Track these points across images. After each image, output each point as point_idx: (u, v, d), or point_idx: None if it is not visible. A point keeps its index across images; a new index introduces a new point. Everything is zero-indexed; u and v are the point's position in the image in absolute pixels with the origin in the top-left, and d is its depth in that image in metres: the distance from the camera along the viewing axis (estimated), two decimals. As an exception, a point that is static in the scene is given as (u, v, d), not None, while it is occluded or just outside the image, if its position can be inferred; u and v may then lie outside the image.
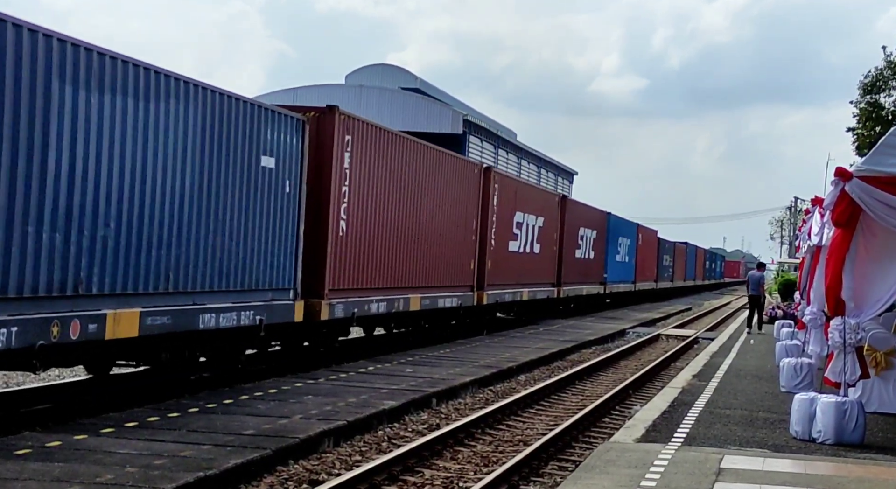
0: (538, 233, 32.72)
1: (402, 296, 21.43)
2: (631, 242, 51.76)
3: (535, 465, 11.63)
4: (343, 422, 12.50)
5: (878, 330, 13.45)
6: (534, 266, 32.43)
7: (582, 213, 40.88)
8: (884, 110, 36.41)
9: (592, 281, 42.28)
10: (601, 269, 43.89)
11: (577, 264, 38.86)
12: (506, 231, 29.20)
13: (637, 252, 53.51)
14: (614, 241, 46.68)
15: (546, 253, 34.08)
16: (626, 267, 50.65)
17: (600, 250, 43.77)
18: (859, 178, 10.74)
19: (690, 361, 22.13)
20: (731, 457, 10.19)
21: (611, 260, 45.74)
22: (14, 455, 9.66)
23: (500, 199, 28.33)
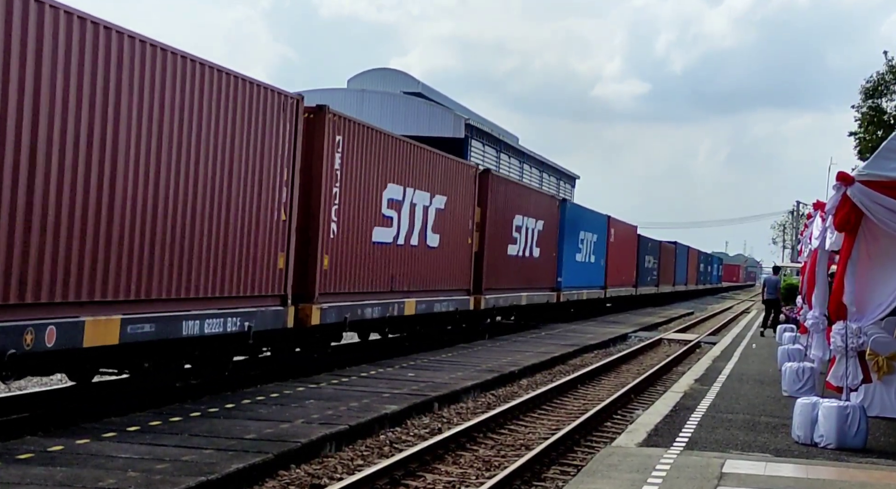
0: (436, 218, 23.55)
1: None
2: (599, 239, 43.26)
3: (538, 470, 11.62)
4: (345, 426, 12.50)
5: (880, 334, 13.44)
6: (440, 265, 23.79)
7: (517, 196, 30.85)
8: (885, 114, 36.45)
9: (538, 286, 33.28)
10: (552, 272, 35.40)
11: (509, 265, 29.78)
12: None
13: (608, 251, 44.83)
14: (572, 235, 38.05)
15: (455, 246, 24.97)
16: (590, 269, 41.84)
17: (550, 247, 34.95)
18: (861, 183, 10.75)
19: (692, 366, 22.12)
20: (732, 461, 10.18)
21: (568, 260, 37.19)
22: (16, 459, 9.66)
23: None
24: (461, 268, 25.28)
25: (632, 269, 52.86)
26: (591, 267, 42.20)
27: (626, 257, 50.58)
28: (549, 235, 34.74)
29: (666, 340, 32.98)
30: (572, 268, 38.11)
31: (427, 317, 23.54)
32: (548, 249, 34.51)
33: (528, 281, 31.76)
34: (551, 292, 35.40)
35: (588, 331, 34.06)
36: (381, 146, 20.12)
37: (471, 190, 26.10)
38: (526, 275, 31.55)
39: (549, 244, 34.70)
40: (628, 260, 51.56)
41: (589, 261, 41.54)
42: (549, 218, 34.68)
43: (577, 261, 39.07)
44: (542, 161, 69.71)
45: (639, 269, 54.70)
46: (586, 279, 41.17)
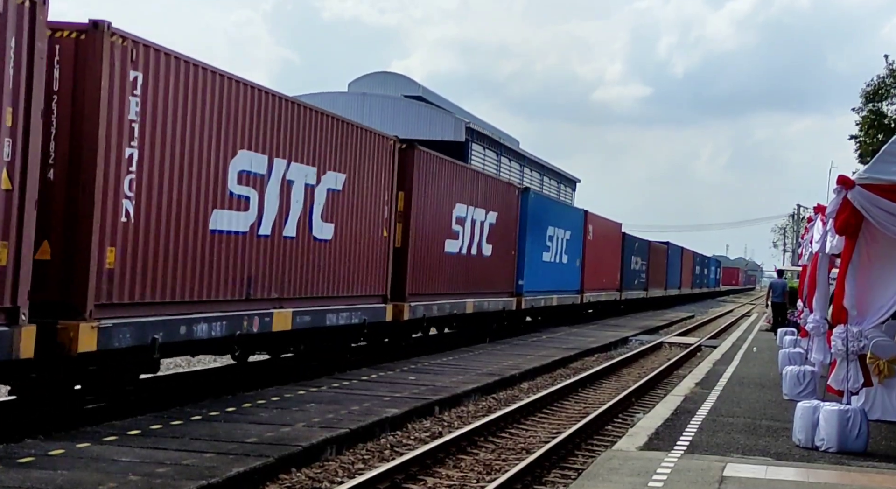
0: (329, 201, 17.61)
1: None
2: (574, 236, 37.93)
3: (538, 473, 11.62)
4: (345, 429, 12.50)
5: (881, 338, 13.44)
6: (336, 263, 18.00)
7: (459, 180, 24.85)
8: (886, 118, 36.49)
9: (490, 291, 27.74)
10: (510, 274, 29.89)
11: (448, 265, 24.12)
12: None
13: (585, 250, 39.57)
14: (538, 231, 32.64)
15: (361, 240, 19.05)
16: (562, 271, 36.19)
17: (508, 244, 29.50)
18: (861, 186, 10.75)
19: (693, 369, 22.12)
20: (733, 465, 10.18)
21: (532, 260, 31.69)
22: (17, 463, 9.67)
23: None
24: (372, 269, 19.57)
25: (615, 272, 47.49)
26: (563, 268, 36.47)
27: (608, 258, 45.43)
28: (507, 230, 29.30)
29: (667, 344, 32.99)
30: (538, 270, 32.37)
31: (316, 332, 17.53)
32: (504, 247, 29.01)
33: (475, 284, 26.27)
34: (510, 298, 29.64)
35: (588, 335, 34.04)
36: (224, 95, 14.12)
37: (388, 168, 19.96)
38: (473, 278, 26.04)
39: (507, 241, 29.33)
40: (611, 261, 46.43)
41: (560, 262, 35.90)
42: (505, 209, 29.00)
43: (544, 261, 33.38)
44: (542, 164, 69.75)
45: (624, 271, 49.30)
46: (556, 282, 35.34)
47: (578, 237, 38.99)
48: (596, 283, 42.29)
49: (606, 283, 45.10)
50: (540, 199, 35.13)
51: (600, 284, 43.49)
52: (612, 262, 46.66)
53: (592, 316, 43.93)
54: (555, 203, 38.79)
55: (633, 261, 52.73)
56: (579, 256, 39.05)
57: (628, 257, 50.71)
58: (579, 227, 39.27)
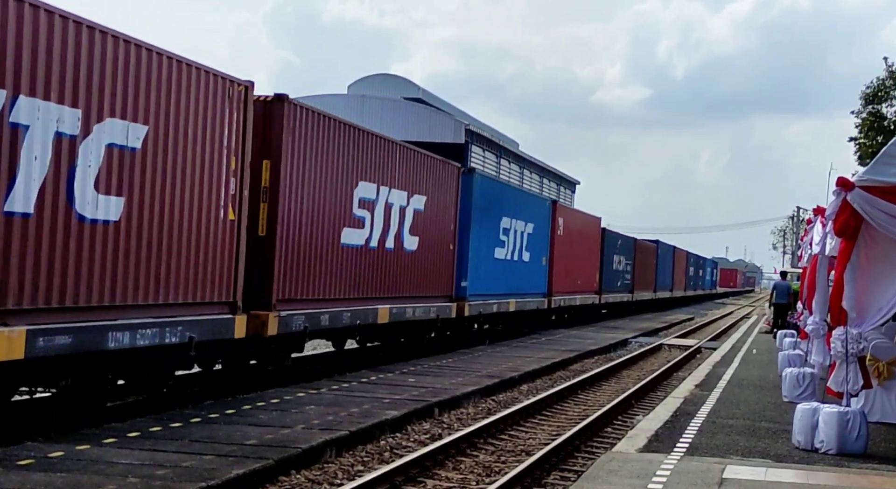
0: (113, 164, 12.21)
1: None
2: (539, 231, 32.84)
3: (538, 475, 11.62)
4: (345, 431, 12.49)
5: (881, 339, 13.44)
6: (132, 255, 12.62)
7: (364, 150, 19.08)
8: (886, 120, 36.49)
9: (418, 294, 22.15)
10: (448, 273, 24.26)
11: (346, 261, 18.50)
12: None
13: (554, 247, 34.50)
14: (488, 223, 27.25)
15: (188, 223, 13.77)
16: (522, 270, 30.81)
17: (444, 237, 23.95)
18: (861, 188, 10.76)
19: (693, 371, 22.11)
20: (733, 467, 10.18)
21: (480, 257, 26.36)
22: (16, 465, 9.66)
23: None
24: (210, 265, 14.17)
25: (593, 272, 42.45)
26: (524, 268, 31.07)
27: (583, 256, 40.20)
28: (442, 220, 23.65)
29: (666, 346, 32.99)
30: (488, 269, 27.09)
31: (87, 359, 12.10)
32: (439, 240, 23.43)
33: (393, 287, 20.70)
34: (447, 303, 24.02)
35: (588, 336, 34.03)
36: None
37: (236, 125, 14.58)
38: (390, 279, 20.54)
39: (442, 233, 23.73)
40: (588, 260, 41.28)
41: (519, 260, 30.38)
42: (440, 193, 23.39)
43: (496, 258, 28.06)
44: (542, 166, 69.76)
45: (604, 272, 44.54)
46: (514, 284, 29.86)
47: (545, 231, 33.73)
48: (568, 285, 37.20)
49: (582, 285, 40.01)
50: (490, 184, 28.62)
51: (574, 286, 38.27)
52: (589, 261, 41.55)
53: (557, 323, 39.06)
54: (512, 189, 31.55)
55: (616, 260, 47.99)
56: (546, 254, 33.94)
57: (609, 256, 46.01)
58: (546, 220, 33.91)
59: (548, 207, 34.92)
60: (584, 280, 40.74)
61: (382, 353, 22.41)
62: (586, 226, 41.56)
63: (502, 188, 30.89)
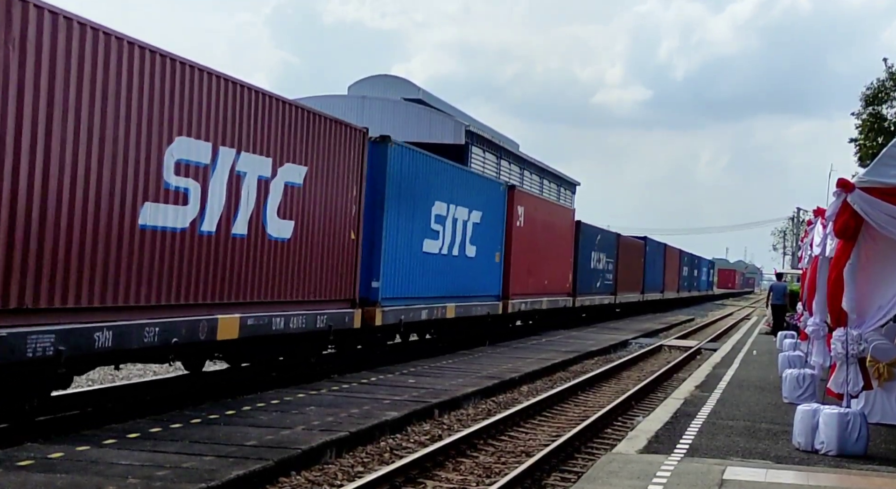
0: None
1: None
2: (490, 220, 27.51)
3: (538, 476, 11.62)
4: (345, 432, 12.49)
5: (881, 341, 13.44)
6: None
7: (168, 88, 13.05)
8: (886, 121, 36.50)
9: (300, 299, 16.94)
10: (350, 271, 18.79)
11: (154, 250, 13.14)
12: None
13: (511, 240, 29.30)
14: (413, 207, 21.90)
15: None
16: (466, 268, 25.59)
17: (341, 223, 18.40)
18: (861, 189, 10.75)
19: (693, 372, 22.11)
20: (733, 468, 10.18)
21: (400, 248, 21.21)
22: (16, 466, 9.66)
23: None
24: None
25: (566, 271, 37.41)
26: (468, 265, 25.87)
27: (552, 253, 34.83)
28: (336, 200, 18.10)
29: (666, 347, 33.00)
30: (412, 266, 21.93)
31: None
32: (331, 227, 17.97)
33: (247, 289, 15.27)
34: (348, 309, 18.59)
35: (588, 337, 34.01)
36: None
37: None
38: (241, 278, 15.12)
39: (337, 217, 18.17)
40: (558, 257, 36.00)
41: (461, 255, 25.29)
42: (333, 165, 17.87)
43: (425, 252, 22.84)
44: (542, 167, 69.76)
45: (580, 271, 39.47)
46: (455, 284, 24.79)
47: (498, 222, 28.48)
48: (531, 286, 31.91)
49: (550, 286, 34.56)
50: (416, 158, 21.99)
51: (539, 287, 33.02)
52: (560, 259, 36.42)
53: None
54: (449, 168, 24.82)
55: (595, 257, 42.87)
56: (500, 249, 28.60)
57: (586, 253, 40.94)
58: (499, 208, 28.58)
59: (502, 193, 29.03)
60: (554, 280, 35.47)
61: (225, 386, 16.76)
62: (555, 217, 35.99)
63: (435, 165, 23.47)
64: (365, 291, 19.61)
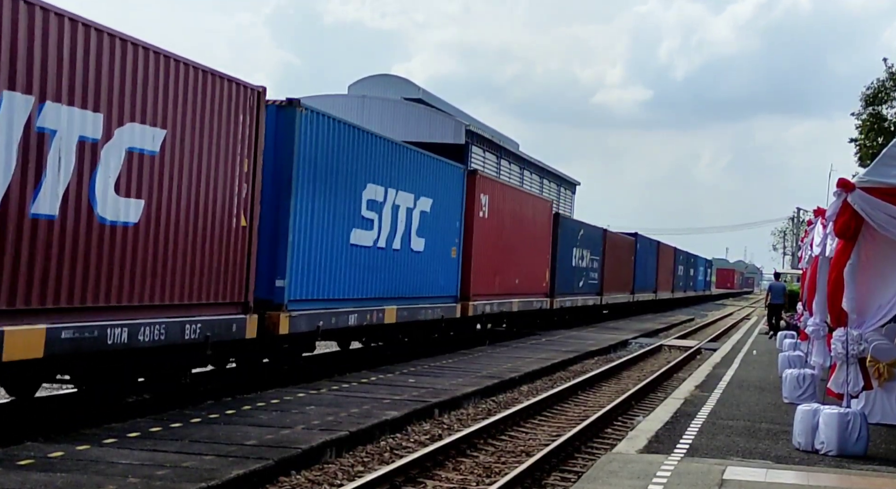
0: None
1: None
2: (446, 209, 24.00)
3: (538, 476, 11.61)
4: (345, 432, 12.49)
5: (881, 341, 13.43)
6: None
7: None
8: (886, 121, 36.51)
9: (173, 303, 13.35)
10: (240, 268, 14.89)
11: None
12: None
13: (472, 233, 25.70)
14: (334, 189, 17.97)
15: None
16: (410, 264, 21.89)
17: (228, 207, 14.61)
18: (862, 189, 10.76)
19: (693, 372, 22.11)
20: (733, 468, 10.17)
21: (315, 239, 17.38)
22: (16, 465, 9.66)
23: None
24: None
25: (542, 268, 33.90)
26: (415, 261, 22.14)
27: (525, 249, 31.21)
28: (223, 177, 14.42)
29: (666, 347, 33.00)
30: (336, 261, 18.16)
31: None
32: (211, 209, 14.21)
33: (85, 289, 11.83)
34: (235, 315, 14.81)
35: (588, 337, 34.00)
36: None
37: None
38: (75, 273, 11.63)
39: (224, 198, 14.50)
40: (533, 254, 32.44)
41: (404, 249, 21.48)
42: (209, 130, 14.06)
43: (353, 244, 18.85)
44: (542, 167, 69.74)
45: (560, 269, 36.10)
46: (397, 284, 21.17)
47: (455, 211, 24.68)
48: (497, 285, 28.25)
49: (522, 286, 30.90)
50: (339, 130, 17.98)
51: (509, 287, 29.37)
52: (535, 255, 32.75)
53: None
54: (388, 145, 20.70)
55: (577, 255, 39.29)
56: (456, 243, 24.88)
57: (566, 249, 37.35)
58: (457, 196, 24.89)
59: (460, 177, 25.25)
60: (528, 279, 31.79)
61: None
62: (529, 209, 32.02)
63: (368, 141, 19.35)
64: (266, 292, 15.84)
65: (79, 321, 11.60)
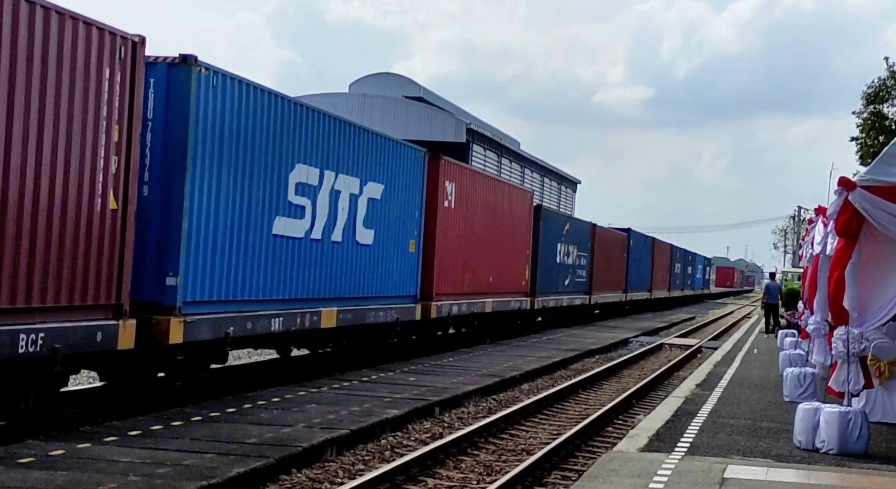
0: None
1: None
2: (402, 196, 21.30)
3: (539, 475, 11.61)
4: (346, 430, 12.49)
5: (882, 339, 13.43)
6: None
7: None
8: (887, 120, 36.49)
9: None
10: (108, 261, 11.81)
11: None
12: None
13: (436, 224, 23.12)
14: (256, 171, 15.17)
15: None
16: (352, 258, 18.94)
17: (89, 181, 11.50)
18: (863, 188, 10.76)
19: (694, 370, 22.11)
20: (734, 466, 10.17)
21: (223, 226, 14.38)
22: (17, 463, 9.66)
23: None
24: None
25: (521, 266, 31.19)
26: (361, 255, 19.24)
27: (500, 244, 28.57)
28: (77, 145, 11.33)
29: (667, 345, 33.00)
30: (254, 255, 15.38)
31: None
32: (71, 187, 11.30)
33: None
34: (100, 321, 11.79)
35: (588, 336, 33.99)
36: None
37: None
38: None
39: (82, 172, 11.45)
40: (510, 248, 29.78)
41: (348, 242, 18.61)
42: (72, 92, 11.20)
43: (278, 235, 16.04)
44: (543, 166, 69.72)
45: (540, 266, 33.24)
46: (336, 282, 18.22)
47: (414, 200, 21.91)
48: (467, 284, 25.74)
49: (495, 284, 28.25)
50: (256, 98, 15.14)
51: (480, 285, 26.79)
52: (512, 250, 30.11)
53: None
54: (324, 118, 17.51)
55: (562, 251, 36.22)
56: (415, 236, 22.14)
57: (550, 245, 34.81)
58: (416, 182, 22.02)
59: (420, 161, 22.25)
60: (503, 276, 29.03)
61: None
62: (505, 200, 29.18)
63: (296, 112, 16.39)
64: (152, 292, 13.14)
65: None
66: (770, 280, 39.45)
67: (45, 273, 10.92)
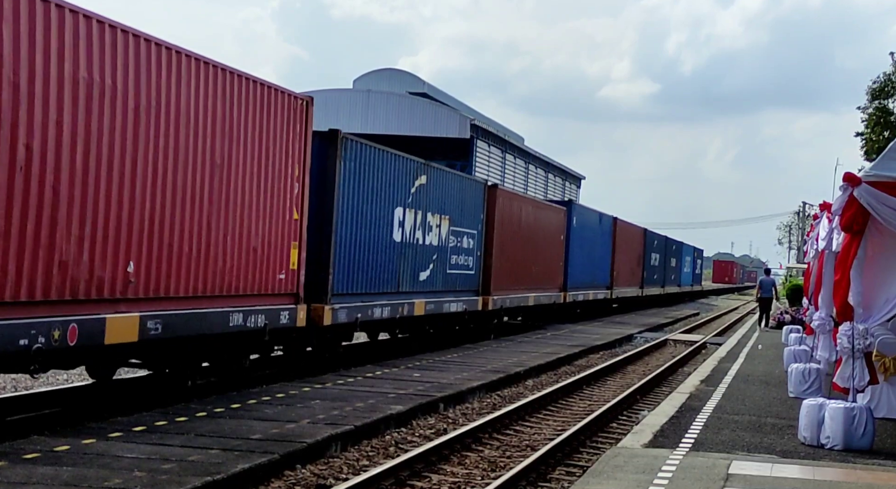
0: None
1: None
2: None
3: (543, 470, 11.61)
4: (350, 426, 12.50)
5: (887, 335, 13.41)
6: None
7: None
8: (892, 115, 36.45)
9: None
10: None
11: None
12: None
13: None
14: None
15: None
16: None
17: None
18: (868, 183, 10.74)
19: (698, 366, 22.10)
20: (739, 462, 10.17)
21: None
22: (22, 459, 9.68)
23: None
24: None
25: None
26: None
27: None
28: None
29: (671, 341, 32.99)
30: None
31: None
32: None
33: None
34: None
35: (594, 332, 33.98)
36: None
37: None
38: None
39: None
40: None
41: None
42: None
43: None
44: (547, 161, 69.70)
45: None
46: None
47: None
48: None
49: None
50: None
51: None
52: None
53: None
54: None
55: (457, 241, 25.02)
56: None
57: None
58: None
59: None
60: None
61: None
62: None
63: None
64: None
65: None
66: (765, 275, 40.82)
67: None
